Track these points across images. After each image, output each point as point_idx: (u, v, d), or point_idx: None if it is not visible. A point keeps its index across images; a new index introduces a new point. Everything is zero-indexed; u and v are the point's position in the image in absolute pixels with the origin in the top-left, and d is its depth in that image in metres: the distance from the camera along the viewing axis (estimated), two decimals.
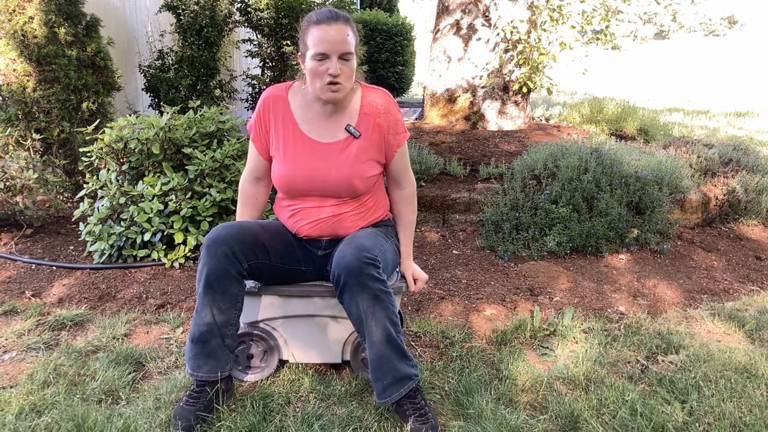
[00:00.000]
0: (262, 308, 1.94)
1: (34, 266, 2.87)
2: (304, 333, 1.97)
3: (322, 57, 1.65)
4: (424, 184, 3.64)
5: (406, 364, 1.70)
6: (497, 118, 4.82)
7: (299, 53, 1.75)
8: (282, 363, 2.04)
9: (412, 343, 2.25)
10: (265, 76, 6.49)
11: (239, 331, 1.88)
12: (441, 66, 4.93)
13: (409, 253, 1.97)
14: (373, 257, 1.66)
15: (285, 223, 1.92)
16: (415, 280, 1.96)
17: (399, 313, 2.12)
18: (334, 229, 1.85)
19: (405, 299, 2.64)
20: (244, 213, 2.00)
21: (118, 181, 2.99)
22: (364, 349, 1.85)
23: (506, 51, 4.63)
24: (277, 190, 1.92)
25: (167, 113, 3.06)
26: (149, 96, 5.22)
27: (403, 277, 1.97)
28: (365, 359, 1.95)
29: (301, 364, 2.04)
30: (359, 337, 1.73)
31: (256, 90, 6.40)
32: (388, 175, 1.92)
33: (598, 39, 5.17)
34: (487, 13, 4.63)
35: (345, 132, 1.80)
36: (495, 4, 4.57)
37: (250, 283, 1.89)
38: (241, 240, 1.75)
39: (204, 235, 2.88)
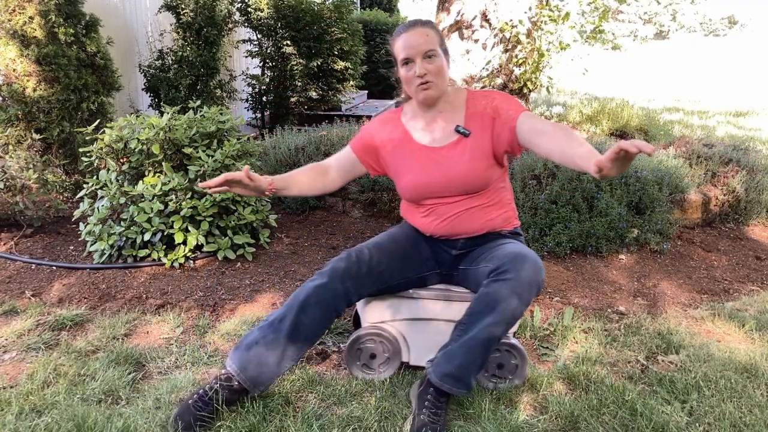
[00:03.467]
0: (387, 309, 1.93)
1: (34, 266, 2.87)
2: (426, 335, 1.95)
3: (408, 61, 1.76)
4: None
5: (473, 376, 1.71)
6: None
7: (395, 69, 1.85)
8: (402, 365, 2.01)
9: None
10: (265, 76, 6.49)
11: (364, 331, 1.91)
12: None
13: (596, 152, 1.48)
14: (542, 283, 1.67)
15: (417, 225, 1.95)
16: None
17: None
18: (467, 223, 1.87)
19: None
20: (299, 170, 1.92)
21: (118, 181, 2.99)
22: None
23: (506, 51, 4.64)
24: (403, 199, 1.99)
25: (167, 113, 3.06)
26: (149, 96, 5.22)
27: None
28: (487, 366, 1.92)
29: (302, 363, 2.04)
30: (463, 325, 1.71)
31: (256, 90, 6.40)
32: (526, 139, 1.72)
33: (595, 39, 5.17)
34: (486, 13, 4.63)
35: (455, 133, 1.84)
36: (495, 3, 4.57)
37: None
38: (358, 278, 1.79)
39: (204, 235, 2.88)
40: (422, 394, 1.72)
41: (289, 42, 6.23)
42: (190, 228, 2.85)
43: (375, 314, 1.95)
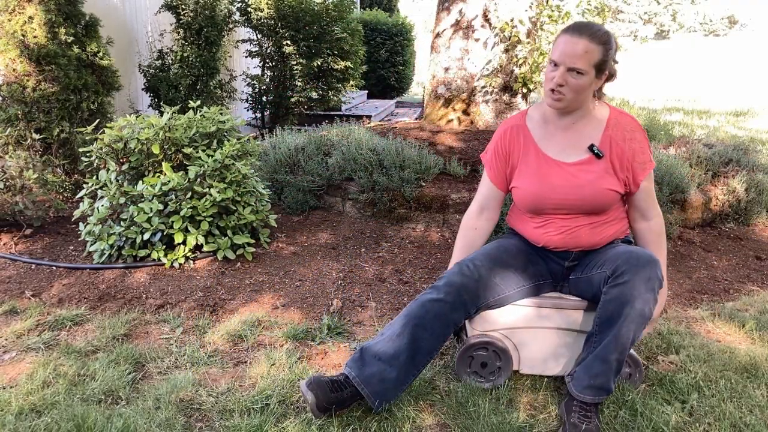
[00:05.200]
0: (498, 317, 1.91)
1: (34, 266, 2.87)
2: (537, 344, 1.94)
3: (554, 64, 1.68)
4: (424, 184, 3.64)
5: (613, 380, 1.71)
6: (497, 118, 4.82)
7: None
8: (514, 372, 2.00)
9: None
10: (265, 76, 6.50)
11: (475, 340, 1.90)
12: (440, 66, 4.93)
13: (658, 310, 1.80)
14: (662, 277, 1.67)
15: (528, 235, 1.92)
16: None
17: None
18: (584, 239, 1.83)
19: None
20: (458, 247, 1.98)
21: (117, 181, 2.99)
22: None
23: (506, 51, 4.63)
24: (516, 208, 1.95)
25: (167, 113, 3.06)
26: (149, 96, 5.22)
27: None
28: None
29: (302, 364, 2.04)
30: (594, 331, 1.72)
31: (256, 90, 6.40)
32: (631, 205, 1.85)
33: None
34: (487, 13, 4.63)
35: (587, 151, 1.78)
36: (495, 3, 4.57)
37: None
38: (474, 291, 1.78)
39: (204, 235, 2.88)
40: (568, 403, 1.74)
41: (289, 42, 6.23)
42: (190, 228, 2.85)
43: (483, 323, 1.93)
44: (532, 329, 1.92)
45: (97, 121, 3.56)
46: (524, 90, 4.72)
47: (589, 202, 1.77)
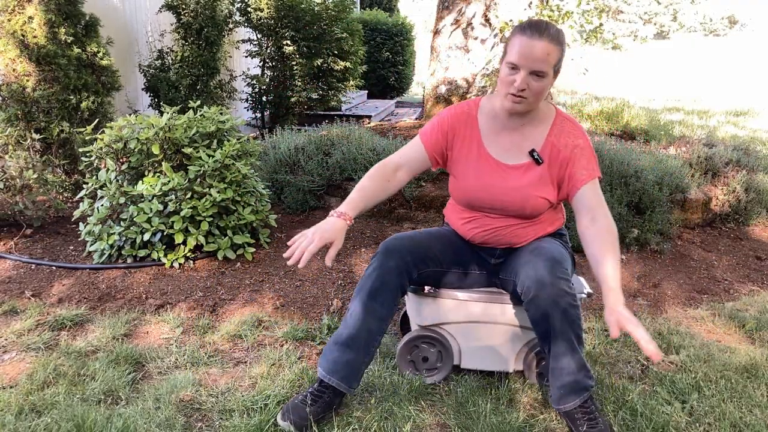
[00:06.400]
0: (439, 311, 1.92)
1: (34, 266, 2.87)
2: (477, 339, 1.94)
3: (513, 67, 1.60)
4: (424, 183, 3.64)
5: (584, 376, 1.70)
6: None
7: (501, 58, 1.68)
8: (454, 368, 2.01)
9: None
10: (265, 76, 6.49)
11: (416, 334, 1.91)
12: (441, 65, 4.93)
13: (618, 300, 1.53)
14: (566, 271, 1.65)
15: (458, 229, 1.92)
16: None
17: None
18: (507, 239, 1.83)
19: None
20: (370, 186, 1.79)
21: (117, 181, 2.99)
22: (542, 359, 1.89)
23: None
24: (454, 200, 1.93)
25: (167, 113, 3.06)
26: (149, 96, 5.22)
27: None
28: (541, 373, 1.94)
29: (302, 364, 2.04)
30: (540, 344, 1.73)
31: (256, 90, 6.40)
32: (576, 208, 1.71)
33: (595, 39, 5.17)
34: (487, 13, 4.63)
35: (528, 156, 1.75)
36: (495, 3, 4.57)
37: (427, 287, 1.90)
38: (413, 251, 1.79)
39: (204, 235, 2.88)
40: (568, 414, 1.73)
41: (289, 42, 6.23)
42: (190, 228, 2.85)
43: (426, 317, 1.93)
44: (473, 324, 1.93)
45: (97, 121, 3.56)
46: None
47: (518, 206, 1.76)
